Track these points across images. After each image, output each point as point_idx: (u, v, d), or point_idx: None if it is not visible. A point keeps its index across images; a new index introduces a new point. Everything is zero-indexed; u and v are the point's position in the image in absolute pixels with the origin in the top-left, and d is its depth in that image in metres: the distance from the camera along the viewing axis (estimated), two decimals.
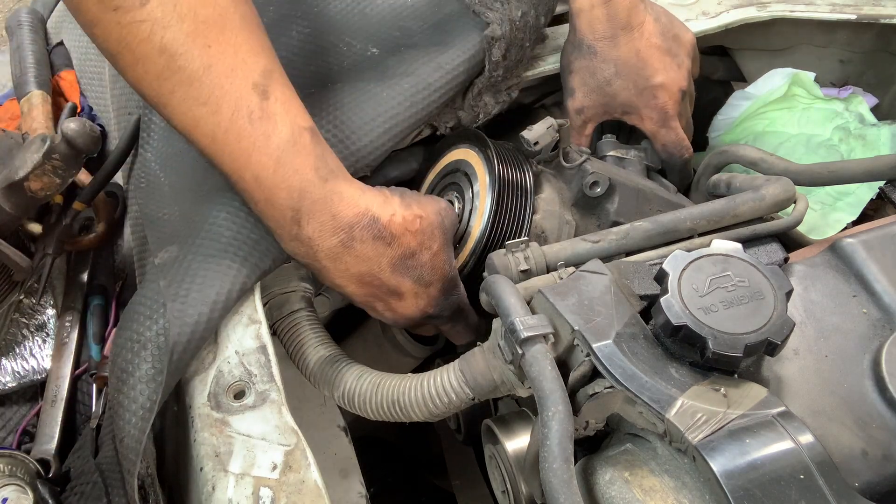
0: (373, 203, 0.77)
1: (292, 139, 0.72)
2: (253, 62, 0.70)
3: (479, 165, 0.92)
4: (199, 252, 0.77)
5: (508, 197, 0.88)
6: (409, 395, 0.75)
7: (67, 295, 1.05)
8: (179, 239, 0.80)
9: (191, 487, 0.71)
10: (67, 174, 0.90)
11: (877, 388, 0.67)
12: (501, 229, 0.87)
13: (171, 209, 0.84)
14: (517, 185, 0.89)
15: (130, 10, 0.65)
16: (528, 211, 0.88)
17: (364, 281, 0.79)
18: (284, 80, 0.74)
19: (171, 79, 0.68)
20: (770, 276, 0.64)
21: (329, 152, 0.76)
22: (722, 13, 1.13)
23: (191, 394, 0.73)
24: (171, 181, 0.87)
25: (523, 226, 0.88)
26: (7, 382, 0.97)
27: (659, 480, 0.61)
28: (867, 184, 1.03)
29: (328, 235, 0.75)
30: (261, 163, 0.71)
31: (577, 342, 0.66)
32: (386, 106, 0.90)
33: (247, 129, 0.70)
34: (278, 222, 0.75)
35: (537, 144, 0.89)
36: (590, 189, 0.90)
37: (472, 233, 0.90)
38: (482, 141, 0.93)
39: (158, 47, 0.66)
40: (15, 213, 0.89)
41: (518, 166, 0.91)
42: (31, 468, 0.83)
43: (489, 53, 0.95)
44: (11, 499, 0.78)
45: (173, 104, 0.70)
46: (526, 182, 0.90)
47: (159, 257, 0.79)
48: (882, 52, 1.24)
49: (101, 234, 1.05)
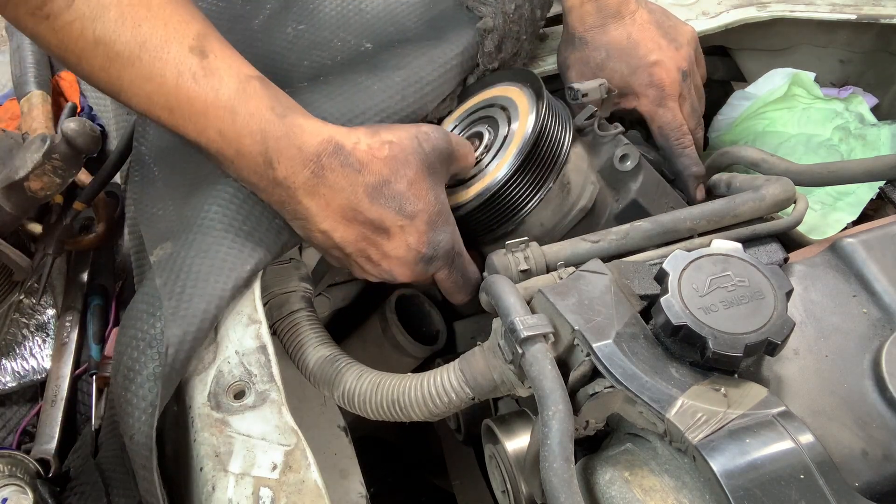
0: (336, 132, 0.77)
1: (241, 87, 0.74)
2: (185, 29, 0.73)
3: (524, 108, 0.90)
4: (192, 247, 0.77)
5: (543, 150, 0.85)
6: (409, 394, 0.75)
7: (67, 295, 1.05)
8: (173, 235, 0.80)
9: (191, 487, 0.71)
10: (67, 174, 0.90)
11: (877, 388, 0.67)
12: (520, 183, 0.85)
13: (165, 204, 0.84)
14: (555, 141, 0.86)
15: (60, 15, 0.69)
16: (556, 168, 0.86)
17: (347, 216, 0.77)
18: (220, 39, 0.76)
19: (113, 65, 0.71)
20: (770, 276, 0.64)
21: (283, 94, 0.77)
22: (722, 13, 1.13)
23: (191, 394, 0.73)
24: (163, 175, 0.87)
25: (544, 184, 0.86)
26: (7, 382, 0.97)
27: (659, 480, 0.61)
28: (867, 184, 1.03)
29: (299, 169, 0.75)
30: (218, 116, 0.73)
31: (577, 342, 0.66)
32: (377, 99, 0.89)
33: (195, 89, 0.72)
34: (254, 171, 0.75)
35: (586, 97, 0.88)
36: (619, 161, 0.88)
37: (488, 173, 0.88)
38: (537, 85, 0.90)
39: (93, 40, 0.70)
40: (15, 212, 0.89)
41: (562, 122, 0.89)
42: (31, 468, 0.83)
43: (482, 45, 0.95)
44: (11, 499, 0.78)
45: (125, 88, 0.73)
46: (565, 140, 0.87)
47: (155, 254, 0.79)
48: (882, 52, 1.24)
49: (100, 234, 1.05)
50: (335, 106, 0.88)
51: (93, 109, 1.17)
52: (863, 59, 1.26)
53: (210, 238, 0.77)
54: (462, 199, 0.89)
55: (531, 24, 1.01)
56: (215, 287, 0.75)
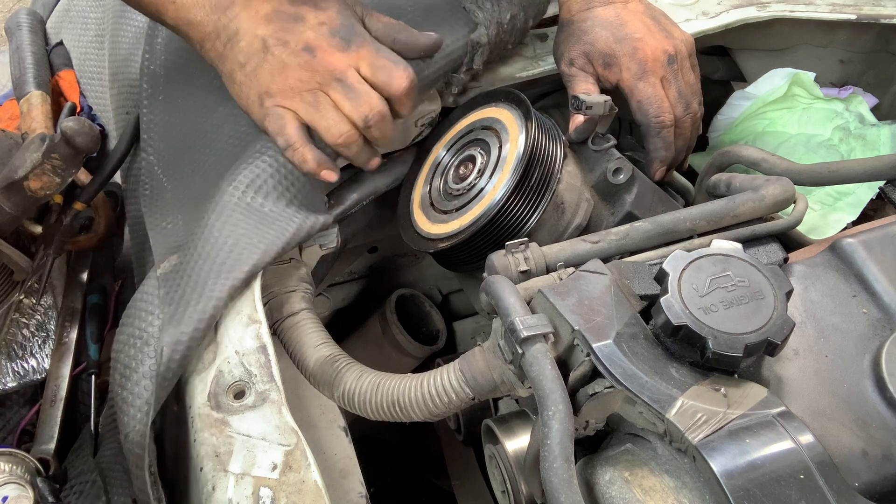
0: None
1: None
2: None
3: (513, 130, 0.91)
4: (194, 254, 0.78)
5: (535, 169, 0.86)
6: (408, 394, 0.75)
7: (67, 295, 1.05)
8: (181, 249, 0.80)
9: (191, 487, 0.71)
10: (67, 173, 0.90)
11: (877, 388, 0.67)
12: (521, 201, 0.86)
13: (175, 218, 0.84)
14: (546, 158, 0.87)
15: None
16: (550, 187, 0.87)
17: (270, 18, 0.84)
18: None
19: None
20: (770, 276, 0.64)
21: None
22: (722, 13, 1.13)
23: (191, 394, 0.73)
24: (174, 186, 0.87)
25: (543, 200, 0.86)
26: (7, 382, 0.97)
27: (659, 480, 0.61)
28: (867, 184, 1.03)
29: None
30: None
31: (577, 342, 0.66)
32: None
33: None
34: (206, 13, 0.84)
35: (590, 109, 0.88)
36: (613, 175, 0.89)
37: (485, 197, 0.88)
38: (524, 106, 0.91)
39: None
40: (15, 212, 0.88)
41: (553, 138, 0.89)
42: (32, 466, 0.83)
43: (471, 58, 0.96)
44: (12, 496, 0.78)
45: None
46: (556, 155, 0.88)
47: (162, 268, 0.79)
48: (882, 52, 1.24)
49: (101, 233, 1.05)
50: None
51: (92, 109, 1.17)
52: (863, 59, 1.26)
53: (210, 243, 0.78)
54: (459, 224, 0.89)
55: (521, 34, 1.03)
56: (213, 289, 0.75)
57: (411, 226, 0.97)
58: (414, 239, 0.95)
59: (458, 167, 0.95)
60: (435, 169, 0.98)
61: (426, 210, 0.96)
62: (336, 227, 0.97)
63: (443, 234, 0.91)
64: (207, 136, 0.90)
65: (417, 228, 0.95)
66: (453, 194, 0.93)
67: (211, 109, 0.92)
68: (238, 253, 0.78)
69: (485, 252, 0.87)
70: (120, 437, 0.75)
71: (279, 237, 0.81)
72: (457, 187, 0.93)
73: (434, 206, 0.95)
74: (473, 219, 0.88)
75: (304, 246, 0.95)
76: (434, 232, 0.93)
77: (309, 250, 0.97)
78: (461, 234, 0.88)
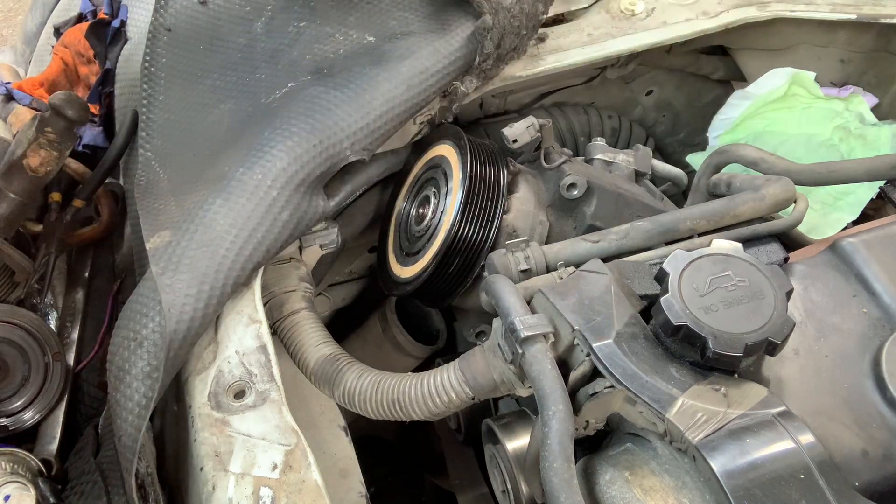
0: None
1: None
2: None
3: (455, 162, 0.93)
4: (192, 239, 0.77)
5: (478, 196, 0.88)
6: (409, 394, 0.75)
7: (67, 295, 1.05)
8: (173, 225, 0.80)
9: (191, 487, 0.71)
10: (63, 146, 0.90)
11: (877, 388, 0.67)
12: (469, 228, 0.88)
13: (167, 200, 0.85)
14: (488, 184, 0.89)
15: None
16: (497, 211, 0.89)
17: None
18: None
19: None
20: (770, 276, 0.64)
21: None
22: (722, 13, 1.13)
23: (191, 393, 0.73)
24: (169, 176, 0.88)
25: (492, 225, 0.88)
26: None
27: (659, 480, 0.61)
28: (867, 184, 1.03)
29: None
30: None
31: (577, 342, 0.66)
32: (382, 88, 0.90)
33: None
34: None
35: (516, 142, 0.90)
36: (567, 191, 0.91)
37: (440, 230, 0.91)
38: (459, 137, 0.94)
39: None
40: (20, 197, 0.89)
41: (493, 165, 0.91)
42: (34, 466, 0.83)
43: (481, 45, 0.96)
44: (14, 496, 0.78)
45: None
46: (498, 181, 0.90)
47: (152, 242, 0.79)
48: (882, 52, 1.24)
49: (105, 223, 1.04)
50: (340, 97, 0.88)
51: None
52: (863, 59, 1.26)
53: (212, 232, 0.78)
54: (424, 262, 0.91)
55: (532, 19, 1.01)
56: (215, 286, 0.75)
57: (388, 272, 1.00)
58: (390, 286, 0.99)
59: (418, 209, 0.98)
60: (400, 218, 1.02)
61: (398, 256, 1.00)
62: (336, 227, 0.97)
63: (412, 275, 0.94)
64: (207, 131, 0.91)
65: (393, 275, 0.99)
66: (417, 236, 0.96)
67: (211, 107, 0.92)
68: (240, 247, 0.78)
69: (455, 282, 0.91)
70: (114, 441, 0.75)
71: (280, 233, 0.81)
72: (418, 228, 0.96)
73: (403, 250, 0.99)
74: (434, 253, 0.90)
75: (304, 246, 0.95)
76: (406, 276, 0.95)
77: (309, 250, 0.97)
78: (426, 270, 0.90)
